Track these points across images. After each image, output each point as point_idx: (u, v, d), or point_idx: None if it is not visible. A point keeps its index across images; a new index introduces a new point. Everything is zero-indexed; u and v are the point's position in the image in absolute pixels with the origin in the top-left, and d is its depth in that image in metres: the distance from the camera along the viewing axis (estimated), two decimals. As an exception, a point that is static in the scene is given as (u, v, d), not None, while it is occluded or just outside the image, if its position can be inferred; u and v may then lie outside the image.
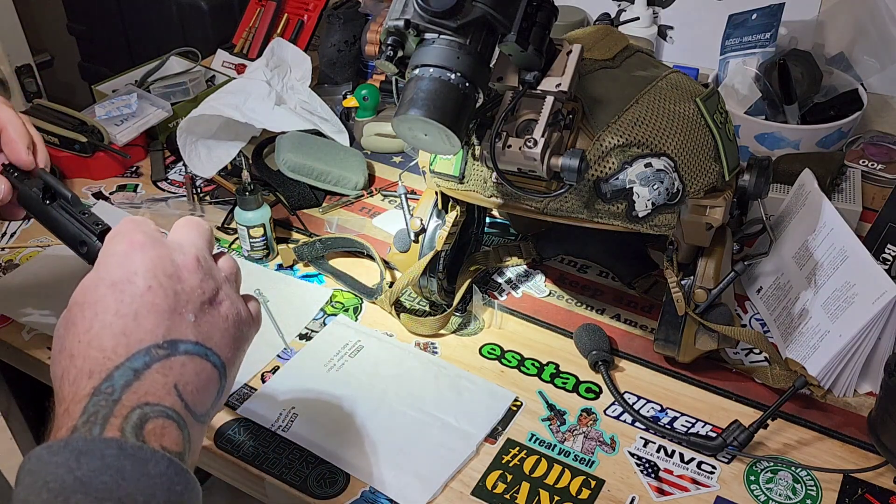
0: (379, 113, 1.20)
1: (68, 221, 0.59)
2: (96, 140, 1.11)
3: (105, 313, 0.48)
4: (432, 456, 0.72)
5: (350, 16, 1.29)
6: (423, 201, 0.86)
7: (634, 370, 0.82)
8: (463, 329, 0.87)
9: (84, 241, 0.59)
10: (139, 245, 0.51)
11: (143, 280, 0.49)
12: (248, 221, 0.93)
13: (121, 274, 0.50)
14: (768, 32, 1.16)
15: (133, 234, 0.51)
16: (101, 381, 0.46)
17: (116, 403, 0.46)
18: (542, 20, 0.64)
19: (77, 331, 0.48)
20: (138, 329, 0.48)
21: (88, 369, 0.47)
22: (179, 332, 0.49)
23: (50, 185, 0.60)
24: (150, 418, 0.46)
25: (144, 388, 0.47)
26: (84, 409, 0.45)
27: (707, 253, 0.77)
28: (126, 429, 0.45)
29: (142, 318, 0.48)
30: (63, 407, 0.46)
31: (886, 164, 1.09)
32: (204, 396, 0.51)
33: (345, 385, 0.79)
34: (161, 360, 0.48)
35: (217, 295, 0.53)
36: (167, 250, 0.52)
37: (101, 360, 0.47)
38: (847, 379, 0.77)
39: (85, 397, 0.46)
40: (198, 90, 1.26)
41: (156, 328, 0.48)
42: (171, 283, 0.50)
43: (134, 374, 0.47)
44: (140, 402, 0.46)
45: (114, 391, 0.46)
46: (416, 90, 0.63)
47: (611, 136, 0.70)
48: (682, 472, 0.72)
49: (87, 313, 0.49)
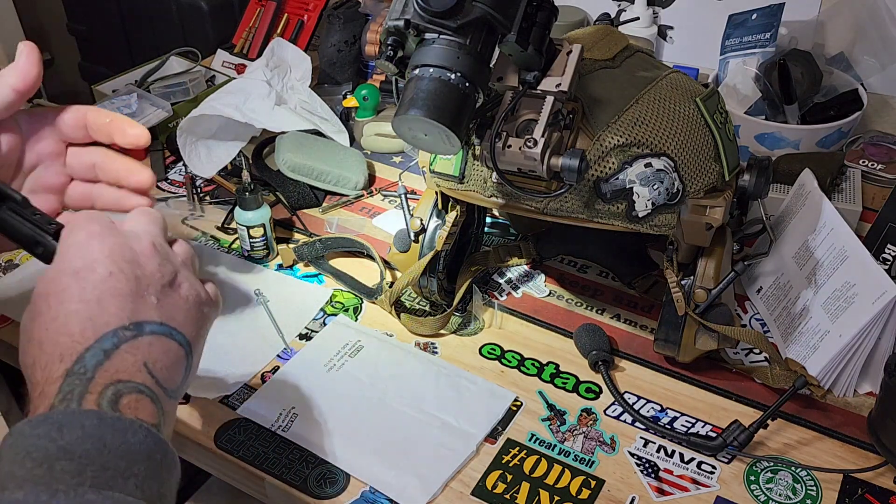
0: (379, 113, 1.20)
1: (20, 223, 0.58)
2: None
3: (69, 301, 0.49)
4: (432, 456, 0.72)
5: (350, 16, 1.29)
6: (423, 201, 0.86)
7: (634, 370, 0.82)
8: (463, 329, 0.87)
9: (39, 241, 0.58)
10: (97, 234, 0.52)
11: (104, 267, 0.51)
12: (248, 221, 0.94)
13: (81, 263, 0.51)
14: (768, 32, 1.16)
15: (89, 224, 0.53)
16: (72, 363, 0.47)
17: (90, 381, 0.47)
18: (542, 20, 0.64)
19: (43, 320, 0.50)
20: (103, 313, 0.49)
21: (59, 354, 0.48)
22: (144, 314, 0.51)
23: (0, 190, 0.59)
24: (124, 394, 0.48)
25: (115, 367, 0.48)
26: (59, 389, 0.47)
27: (707, 253, 0.77)
28: (102, 404, 0.46)
29: (106, 303, 0.50)
30: (38, 391, 0.48)
31: (886, 164, 1.09)
32: (173, 373, 0.52)
33: (345, 385, 0.79)
34: (128, 340, 0.49)
35: (176, 278, 0.55)
36: (124, 238, 0.53)
37: (70, 344, 0.48)
38: (847, 379, 0.77)
39: (58, 378, 0.47)
40: (198, 90, 1.26)
41: (120, 311, 0.50)
42: (131, 268, 0.52)
43: (104, 354, 0.48)
44: (113, 379, 0.48)
45: (86, 371, 0.47)
46: (416, 90, 0.63)
47: (611, 136, 0.70)
48: (682, 472, 0.72)
49: (51, 302, 0.50)
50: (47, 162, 0.64)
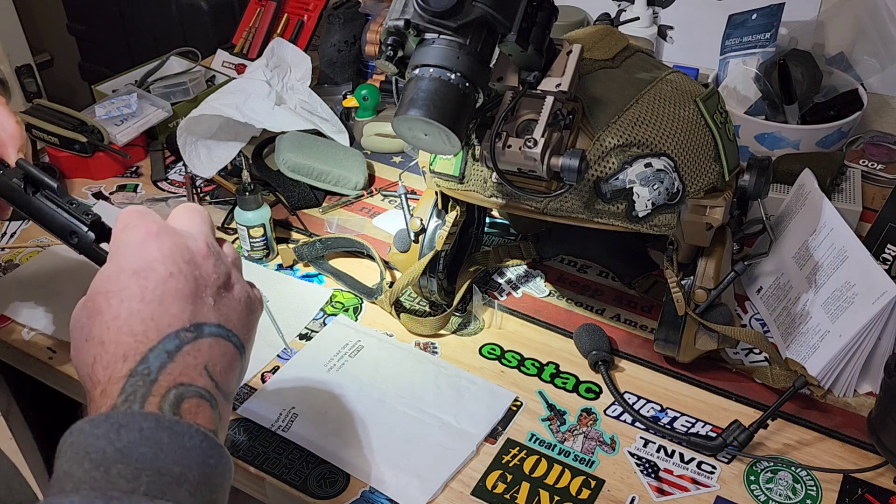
0: (379, 113, 1.20)
1: (55, 212, 0.58)
2: (96, 140, 1.11)
3: (131, 300, 0.50)
4: (432, 456, 0.72)
5: (350, 16, 1.29)
6: (423, 201, 0.86)
7: (634, 370, 0.82)
8: (463, 329, 0.87)
9: (74, 230, 0.58)
10: (154, 234, 0.52)
11: (164, 267, 0.51)
12: (248, 221, 0.94)
13: (141, 262, 0.51)
14: (768, 32, 1.16)
15: (147, 223, 0.53)
16: (136, 363, 0.48)
17: (154, 383, 0.47)
18: (543, 20, 0.64)
19: (104, 318, 0.50)
20: (165, 314, 0.50)
21: (122, 353, 0.48)
22: (203, 316, 0.51)
23: (32, 175, 0.59)
24: (186, 398, 0.48)
25: (178, 370, 0.48)
26: (122, 389, 0.47)
27: (707, 253, 0.77)
28: (164, 407, 0.47)
29: (167, 304, 0.50)
30: (99, 389, 0.48)
31: (886, 164, 1.09)
32: (229, 376, 0.52)
33: (345, 385, 0.79)
34: (190, 342, 0.50)
35: (229, 279, 0.55)
36: (181, 238, 0.53)
37: (134, 343, 0.48)
38: (847, 379, 0.77)
39: (122, 378, 0.47)
40: (198, 90, 1.26)
41: (181, 312, 0.50)
42: (189, 268, 0.52)
43: (167, 356, 0.48)
44: (175, 382, 0.48)
45: (150, 372, 0.47)
46: (416, 90, 0.63)
47: (611, 136, 0.70)
48: (682, 472, 0.72)
49: (112, 301, 0.50)
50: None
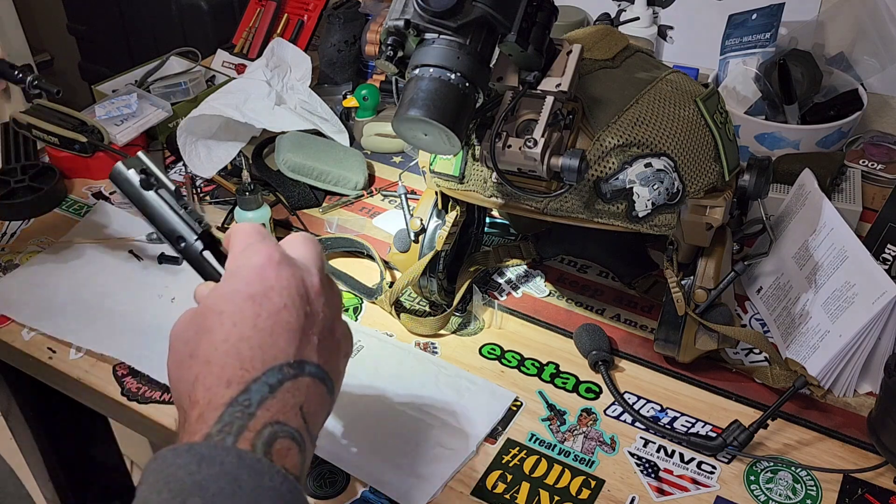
0: (379, 113, 1.20)
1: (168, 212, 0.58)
2: (96, 140, 1.11)
3: (243, 325, 0.49)
4: (432, 456, 0.72)
5: (350, 16, 1.29)
6: (423, 201, 0.86)
7: (634, 370, 0.82)
8: (463, 329, 0.87)
9: (183, 235, 0.57)
10: (275, 262, 0.52)
11: (280, 297, 0.50)
12: (248, 221, 0.93)
13: (259, 288, 0.50)
14: (768, 32, 1.16)
15: (269, 248, 0.52)
16: (239, 391, 0.47)
17: (252, 418, 0.47)
18: (542, 20, 0.64)
19: (214, 338, 0.49)
20: (273, 346, 0.49)
21: (227, 378, 0.48)
22: (307, 354, 0.51)
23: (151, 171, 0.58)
24: (279, 437, 0.47)
25: (277, 407, 0.48)
26: (220, 418, 0.46)
27: (707, 253, 0.77)
28: (257, 444, 0.46)
29: (277, 336, 0.49)
30: (197, 412, 0.47)
31: (886, 164, 1.09)
32: (319, 420, 0.52)
33: (345, 385, 0.79)
34: (291, 378, 0.49)
35: (336, 320, 0.55)
36: (300, 270, 0.53)
37: (239, 371, 0.48)
38: (847, 379, 0.77)
39: (222, 406, 0.47)
40: (198, 90, 1.26)
41: (288, 347, 0.50)
42: (302, 303, 0.51)
43: (269, 390, 0.48)
44: (272, 419, 0.47)
45: (250, 404, 0.47)
46: (416, 90, 0.63)
47: (611, 136, 0.70)
48: (682, 472, 0.72)
49: (225, 322, 0.49)
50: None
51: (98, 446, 1.29)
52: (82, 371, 0.83)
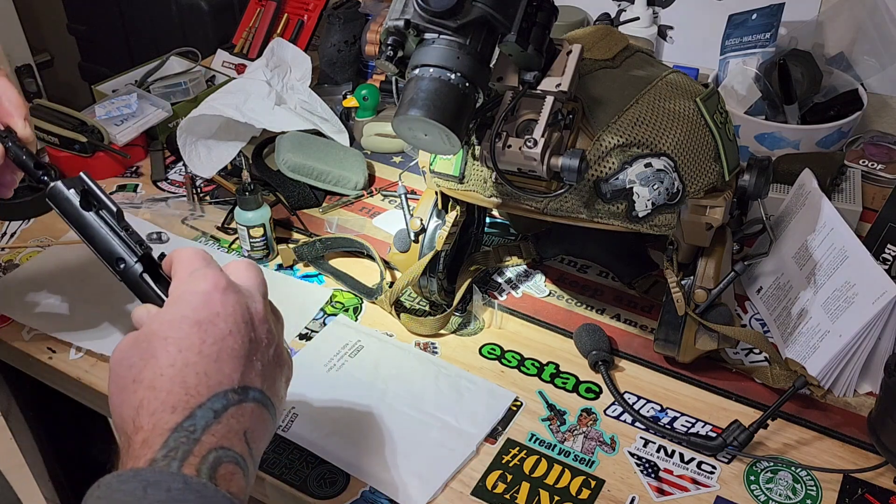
0: (379, 113, 1.20)
1: (108, 235, 0.57)
2: (96, 140, 1.11)
3: (189, 351, 0.50)
4: (432, 456, 0.72)
5: (350, 16, 1.29)
6: (423, 201, 0.86)
7: (634, 370, 0.82)
8: (463, 329, 0.87)
9: (123, 258, 0.57)
10: (221, 288, 0.52)
11: (225, 324, 0.51)
12: (248, 221, 0.94)
13: (205, 314, 0.51)
14: (768, 32, 1.16)
15: (216, 275, 0.53)
16: (184, 417, 0.48)
17: (197, 443, 0.47)
18: (543, 20, 0.64)
19: (159, 363, 0.50)
20: (218, 372, 0.50)
21: (171, 405, 0.48)
22: (251, 380, 0.52)
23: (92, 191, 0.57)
24: (224, 462, 0.48)
25: (222, 432, 0.48)
26: (165, 443, 0.47)
27: (707, 253, 0.77)
28: (202, 469, 0.46)
29: (222, 362, 0.50)
30: (141, 437, 0.48)
31: (886, 164, 1.09)
32: (262, 444, 0.53)
33: (345, 385, 0.79)
34: (235, 404, 0.50)
35: (279, 346, 0.56)
36: (244, 297, 0.54)
37: (184, 396, 0.48)
38: (847, 379, 0.77)
39: (167, 431, 0.47)
40: (198, 90, 1.26)
41: (233, 373, 0.50)
42: (247, 330, 0.52)
43: (214, 416, 0.49)
44: (217, 444, 0.48)
45: (195, 430, 0.47)
46: (416, 90, 0.63)
47: (611, 136, 0.70)
48: (682, 472, 0.72)
49: (170, 348, 0.50)
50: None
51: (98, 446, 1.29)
52: (82, 371, 0.83)
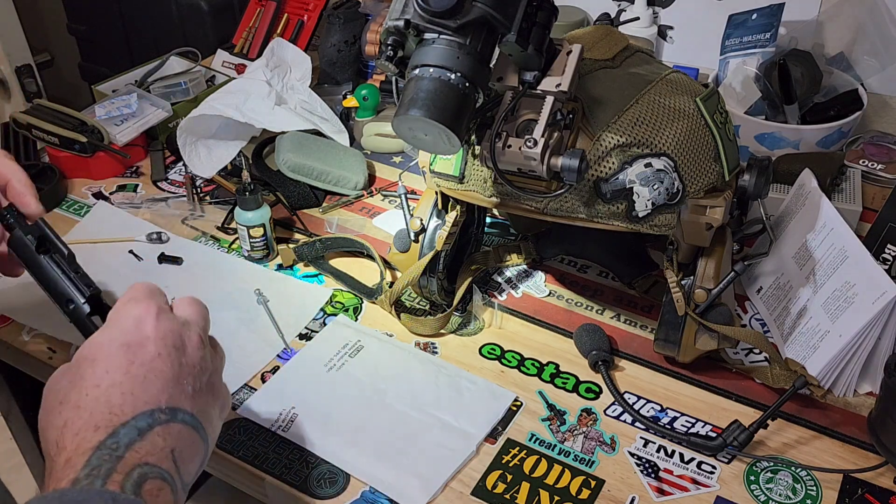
0: (379, 113, 1.20)
1: (58, 277, 0.60)
2: (96, 140, 1.11)
3: (116, 371, 0.50)
4: (432, 456, 0.72)
5: (350, 16, 1.29)
6: (423, 201, 0.86)
7: (634, 370, 0.82)
8: (463, 329, 0.87)
9: (72, 299, 0.59)
10: (154, 314, 0.53)
11: (154, 346, 0.52)
12: (248, 221, 0.93)
13: (135, 337, 0.52)
14: (768, 32, 1.16)
15: (149, 303, 0.54)
16: (106, 435, 0.48)
17: (119, 460, 0.47)
18: (542, 20, 0.64)
19: (85, 384, 0.50)
20: (145, 392, 0.50)
21: (94, 423, 0.48)
22: (180, 402, 0.52)
23: (48, 237, 0.60)
24: (149, 478, 0.48)
25: (146, 449, 0.49)
26: (87, 462, 0.47)
27: (707, 253, 0.77)
28: (126, 485, 0.46)
29: (149, 382, 0.51)
30: (64, 457, 0.48)
31: (886, 164, 1.09)
32: (192, 466, 0.53)
33: (345, 385, 0.79)
34: (162, 423, 0.50)
35: (213, 375, 0.56)
36: (177, 324, 0.54)
37: (108, 415, 0.49)
38: (847, 379, 0.77)
39: (89, 450, 0.47)
40: (198, 90, 1.26)
41: (160, 393, 0.51)
42: (178, 354, 0.53)
43: (138, 434, 0.49)
44: (141, 461, 0.48)
45: (118, 447, 0.47)
46: (416, 90, 0.63)
47: (611, 136, 0.70)
48: (682, 472, 0.72)
49: (97, 369, 0.50)
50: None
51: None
52: (82, 371, 0.83)
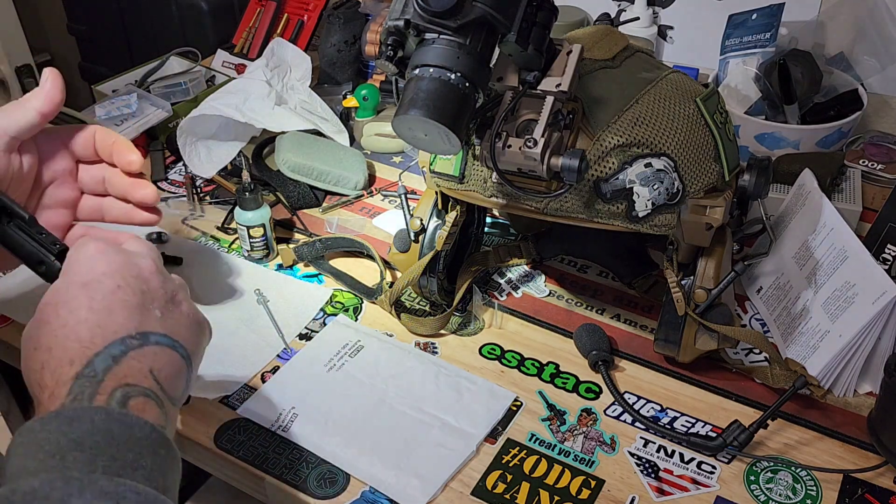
0: (379, 113, 1.20)
1: (25, 240, 0.61)
2: (96, 140, 1.11)
3: (79, 310, 0.51)
4: (432, 456, 0.72)
5: (350, 16, 1.29)
6: (423, 201, 0.86)
7: (634, 370, 0.82)
8: (463, 329, 0.87)
9: (42, 260, 0.61)
10: (103, 251, 0.55)
11: (112, 280, 0.53)
12: (248, 221, 0.94)
13: (90, 276, 0.53)
14: (768, 32, 1.16)
15: (96, 241, 0.55)
16: (82, 366, 0.49)
17: (100, 384, 0.49)
18: (543, 20, 0.64)
19: (51, 328, 0.51)
20: (112, 322, 0.51)
21: (69, 358, 0.50)
22: (149, 326, 0.53)
23: (6, 205, 0.61)
24: (132, 396, 0.50)
25: (124, 372, 0.50)
26: (70, 390, 0.48)
27: (707, 253, 0.77)
28: (111, 404, 0.48)
29: (115, 313, 0.52)
30: (47, 393, 0.49)
31: (886, 164, 1.09)
32: (176, 382, 0.54)
33: (345, 385, 0.79)
34: (135, 348, 0.51)
35: (177, 295, 0.57)
36: (129, 255, 0.56)
37: (80, 349, 0.50)
38: (847, 379, 0.77)
39: (69, 381, 0.49)
40: (198, 90, 1.26)
41: (128, 321, 0.52)
42: (137, 282, 0.54)
43: (113, 360, 0.50)
44: (121, 383, 0.50)
45: (96, 374, 0.49)
46: (416, 90, 0.63)
47: (611, 136, 0.71)
48: (682, 472, 0.72)
49: (61, 311, 0.52)
50: (61, 179, 0.68)
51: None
52: (82, 371, 0.83)
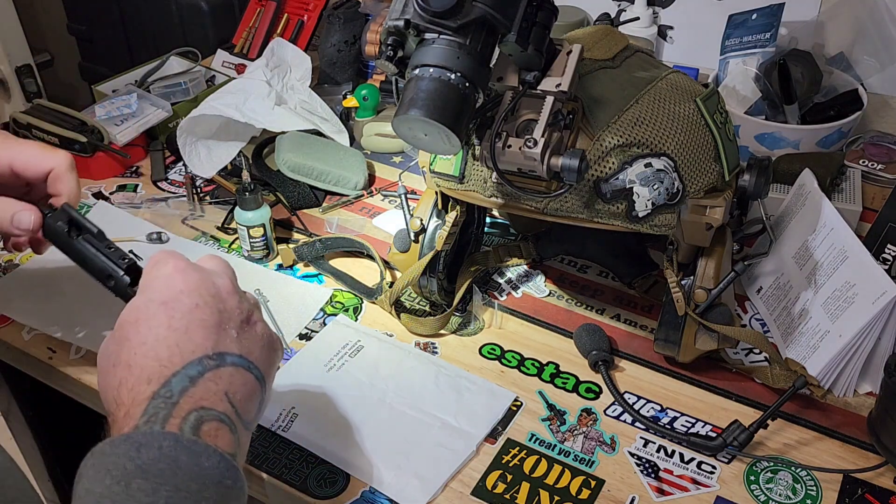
0: (379, 113, 1.20)
1: (95, 255, 0.62)
2: (96, 140, 1.11)
3: (158, 328, 0.52)
4: (432, 456, 0.72)
5: (350, 16, 1.29)
6: (423, 201, 0.86)
7: (634, 370, 0.82)
8: (463, 329, 0.87)
9: (112, 274, 0.62)
10: (182, 269, 0.55)
11: (190, 298, 0.54)
12: (248, 221, 0.94)
13: (169, 294, 0.54)
14: (768, 32, 1.16)
15: (175, 260, 0.56)
16: (160, 385, 0.50)
17: (175, 406, 0.49)
18: (543, 20, 0.64)
19: (132, 345, 0.52)
20: (190, 342, 0.52)
21: (147, 377, 0.50)
22: (226, 346, 0.54)
23: (76, 219, 0.63)
24: (206, 421, 0.50)
25: (200, 394, 0.50)
26: (144, 411, 0.49)
27: (707, 253, 0.77)
28: (184, 428, 0.48)
29: (192, 332, 0.52)
30: (123, 411, 0.50)
31: (886, 164, 1.09)
32: (250, 405, 0.54)
33: (345, 385, 0.79)
34: (212, 369, 0.52)
35: (252, 315, 0.58)
36: (207, 274, 0.56)
37: (158, 368, 0.50)
38: (847, 379, 0.77)
39: (145, 400, 0.49)
40: (198, 90, 1.26)
41: (205, 341, 0.52)
42: (214, 301, 0.55)
43: (190, 381, 0.50)
44: (196, 405, 0.50)
45: (172, 395, 0.49)
46: (416, 90, 0.63)
47: (611, 136, 0.70)
48: (682, 472, 0.72)
49: (140, 329, 0.52)
50: None
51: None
52: (82, 371, 0.83)
